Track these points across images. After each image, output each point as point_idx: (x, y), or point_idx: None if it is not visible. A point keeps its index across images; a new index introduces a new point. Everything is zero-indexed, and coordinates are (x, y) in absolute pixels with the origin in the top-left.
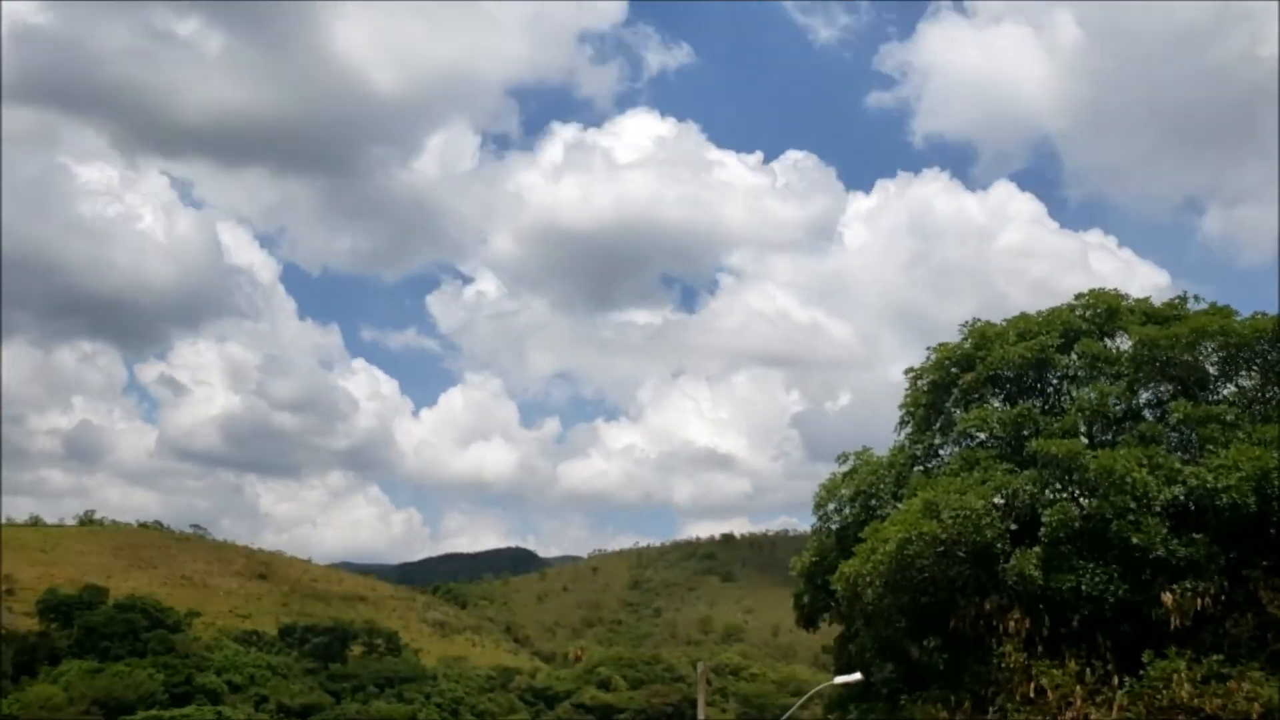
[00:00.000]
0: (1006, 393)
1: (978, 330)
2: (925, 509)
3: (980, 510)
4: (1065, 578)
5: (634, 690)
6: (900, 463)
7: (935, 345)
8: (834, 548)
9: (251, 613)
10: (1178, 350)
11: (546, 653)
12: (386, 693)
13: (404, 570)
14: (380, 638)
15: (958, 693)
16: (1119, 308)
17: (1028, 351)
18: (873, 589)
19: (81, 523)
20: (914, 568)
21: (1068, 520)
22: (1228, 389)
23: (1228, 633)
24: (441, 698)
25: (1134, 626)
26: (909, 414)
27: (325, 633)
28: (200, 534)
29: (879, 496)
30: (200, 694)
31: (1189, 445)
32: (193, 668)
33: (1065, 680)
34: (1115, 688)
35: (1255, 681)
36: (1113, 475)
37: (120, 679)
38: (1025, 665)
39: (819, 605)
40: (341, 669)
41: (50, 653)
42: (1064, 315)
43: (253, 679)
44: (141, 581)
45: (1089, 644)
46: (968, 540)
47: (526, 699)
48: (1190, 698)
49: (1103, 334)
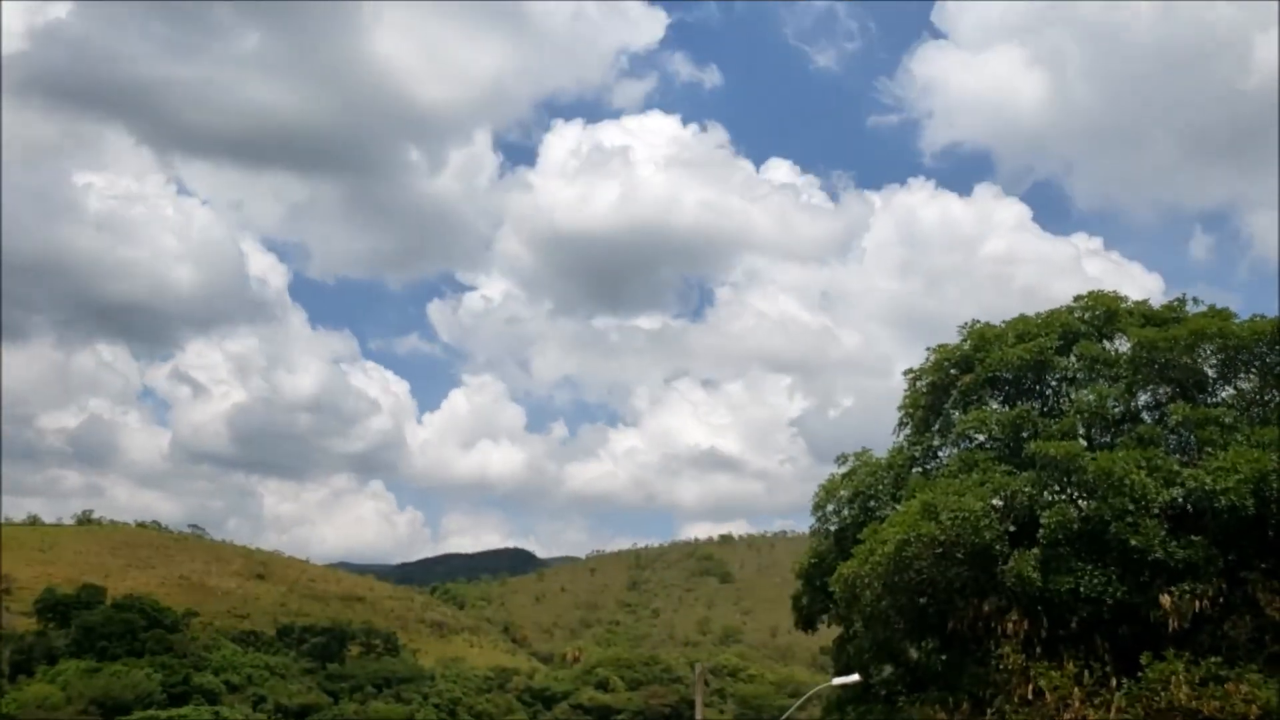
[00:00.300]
0: (1005, 394)
1: (976, 332)
2: (924, 510)
3: (979, 512)
4: (1064, 579)
5: (632, 691)
6: (899, 464)
7: (934, 346)
8: (832, 549)
9: (249, 613)
10: (1176, 353)
11: (544, 653)
12: (384, 693)
13: (402, 571)
14: (378, 638)
15: (956, 694)
16: (1118, 310)
17: (1026, 353)
18: (871, 590)
19: (80, 522)
20: (912, 569)
21: (1066, 522)
22: (1226, 391)
23: (1226, 635)
24: (439, 698)
25: (1132, 628)
26: (908, 415)
27: (323, 633)
28: (198, 534)
29: (877, 498)
30: (198, 694)
31: (1187, 447)
32: (190, 668)
33: (1063, 682)
34: (1113, 690)
35: (1253, 683)
36: (1111, 477)
37: (118, 679)
38: (1024, 667)
39: (817, 607)
40: (339, 669)
41: (48, 652)
42: (1063, 317)
43: (250, 679)
44: (139, 581)
45: (1087, 646)
46: (966, 542)
47: (524, 699)
48: (1188, 700)
49: (1101, 336)
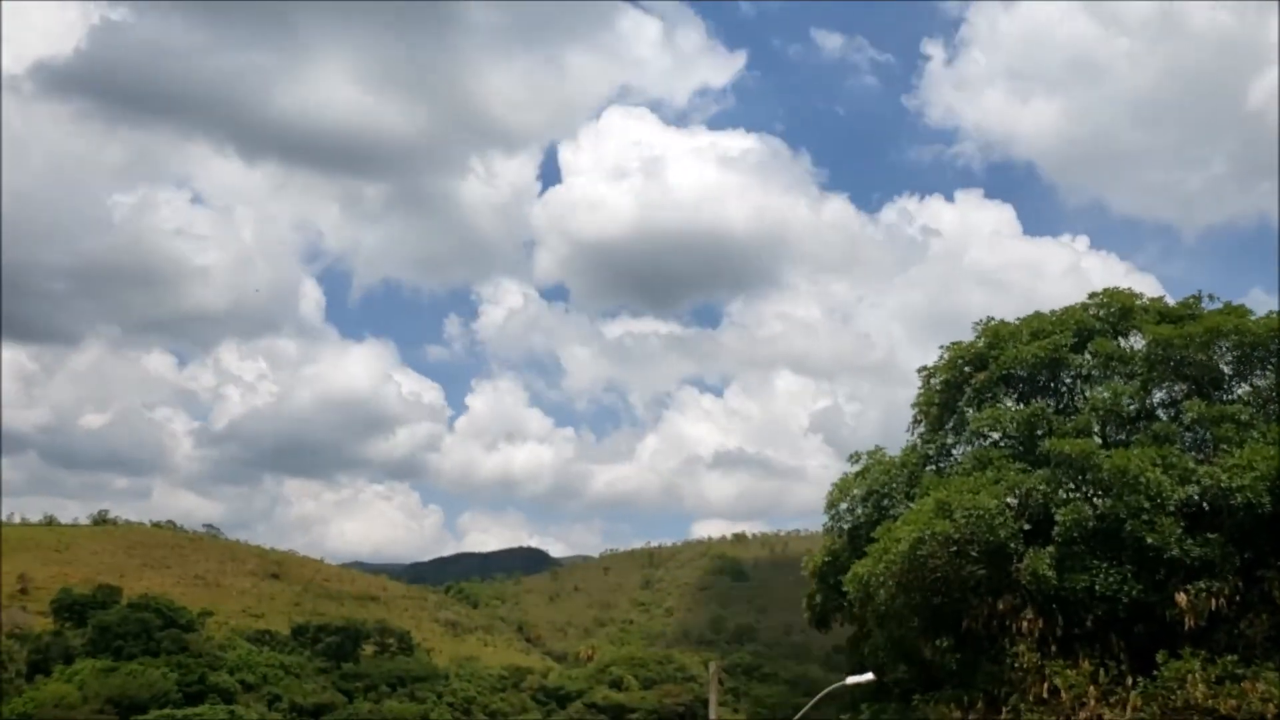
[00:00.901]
0: (1020, 392)
1: (991, 329)
2: (938, 508)
3: (993, 510)
4: (1079, 578)
5: (646, 690)
6: (913, 462)
7: (948, 344)
8: (846, 548)
9: (264, 612)
10: (1192, 350)
11: (558, 652)
12: (399, 692)
13: (416, 570)
14: (392, 637)
15: (971, 693)
16: (1133, 307)
17: (1041, 351)
18: (885, 589)
19: (95, 522)
20: (926, 568)
21: (1081, 520)
22: (1242, 388)
23: (1242, 633)
24: (454, 697)
25: (1148, 627)
26: (922, 413)
27: (337, 632)
28: (213, 534)
29: (891, 496)
30: (213, 693)
31: (1203, 445)
32: (206, 667)
33: (1079, 680)
34: (1129, 688)
35: (1270, 682)
36: (1126, 475)
37: (134, 678)
38: (1039, 665)
39: (831, 605)
40: (354, 668)
41: (64, 652)
42: (1077, 314)
43: (265, 678)
44: (155, 581)
45: (1103, 644)
46: (981, 540)
47: (538, 699)
48: (1205, 698)
49: (1116, 333)
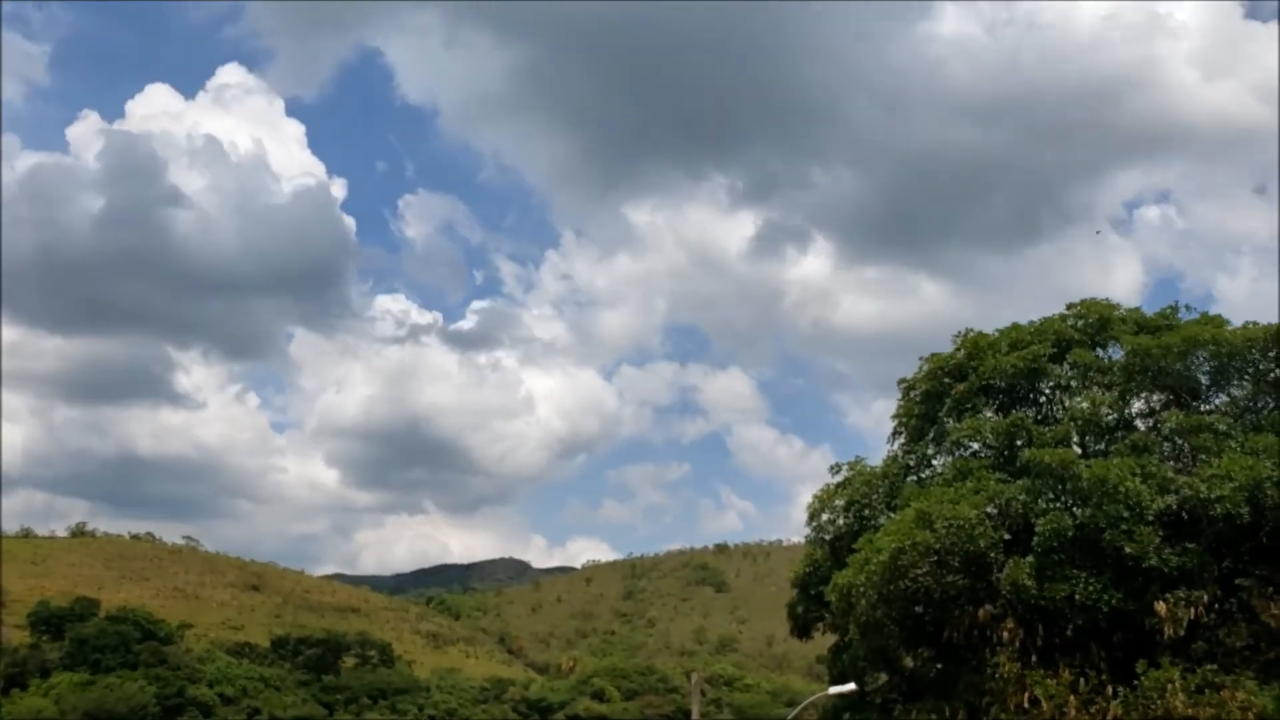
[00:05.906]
0: (999, 402)
1: (970, 340)
2: (918, 519)
3: (973, 520)
4: (1059, 587)
5: (628, 701)
6: (893, 473)
7: (927, 356)
8: (828, 558)
9: (244, 624)
10: (1170, 360)
11: (540, 664)
12: (379, 704)
13: (397, 581)
14: (373, 649)
15: (952, 703)
16: (1111, 317)
17: (1020, 361)
18: (866, 599)
19: (73, 534)
20: (907, 578)
21: (1061, 530)
22: (1220, 398)
23: (1221, 642)
24: (435, 709)
25: (1128, 636)
26: (902, 424)
27: (318, 644)
28: (192, 545)
29: (872, 506)
30: (192, 706)
31: (1182, 455)
32: (185, 680)
33: (1059, 690)
34: (1109, 697)
35: (1249, 691)
36: (1106, 485)
37: (112, 691)
38: (1019, 675)
39: (813, 615)
40: (334, 681)
41: (41, 665)
42: (1056, 325)
43: (245, 691)
44: (133, 593)
45: (1083, 654)
46: (961, 550)
47: (520, 710)
48: (1184, 707)
49: (1095, 344)
